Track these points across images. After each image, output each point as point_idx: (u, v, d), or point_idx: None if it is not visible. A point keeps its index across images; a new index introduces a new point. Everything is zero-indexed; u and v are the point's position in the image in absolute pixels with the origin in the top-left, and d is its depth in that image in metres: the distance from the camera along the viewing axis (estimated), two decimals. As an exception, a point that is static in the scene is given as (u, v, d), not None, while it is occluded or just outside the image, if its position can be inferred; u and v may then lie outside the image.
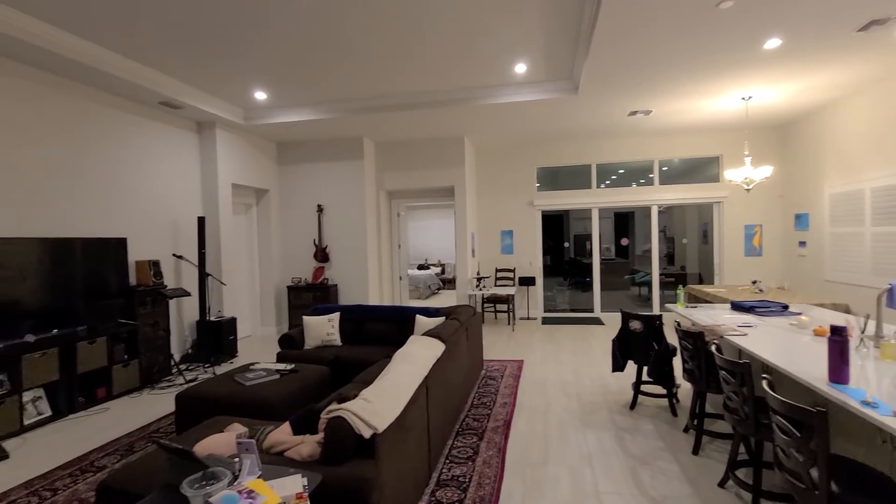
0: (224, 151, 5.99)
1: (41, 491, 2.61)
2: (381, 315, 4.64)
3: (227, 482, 1.73)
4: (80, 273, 4.07)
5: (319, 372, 3.57)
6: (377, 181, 7.37)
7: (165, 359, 4.84)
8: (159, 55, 4.22)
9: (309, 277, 7.08)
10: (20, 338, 3.58)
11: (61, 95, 4.18)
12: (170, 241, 5.37)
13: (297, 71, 4.71)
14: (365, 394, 2.02)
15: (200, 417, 3.07)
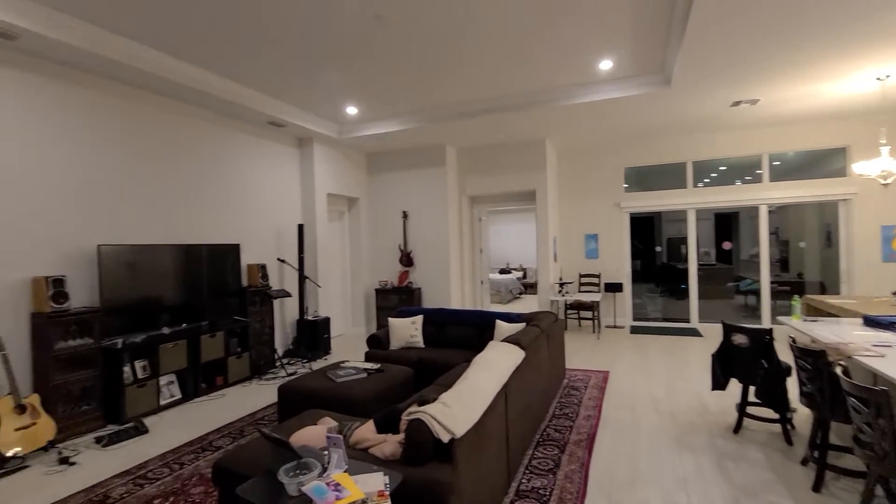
0: (320, 164, 6.51)
1: (171, 464, 3.05)
2: (462, 319, 4.70)
3: (317, 473, 1.87)
4: (204, 275, 4.68)
5: (403, 373, 3.72)
6: (459, 187, 7.49)
7: (270, 353, 5.37)
8: (268, 80, 4.73)
9: (395, 281, 7.40)
10: (158, 330, 4.21)
11: (188, 121, 4.86)
12: (274, 246, 5.96)
13: (384, 86, 4.98)
14: (444, 398, 2.07)
15: (297, 409, 3.36)
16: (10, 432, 3.00)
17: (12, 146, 3.45)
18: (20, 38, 3.28)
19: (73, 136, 3.83)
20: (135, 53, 3.80)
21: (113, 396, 3.77)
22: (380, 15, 3.47)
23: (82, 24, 3.42)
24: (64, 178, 3.75)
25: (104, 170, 4.04)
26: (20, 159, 3.49)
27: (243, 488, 1.90)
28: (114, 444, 3.35)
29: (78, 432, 3.54)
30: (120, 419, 3.75)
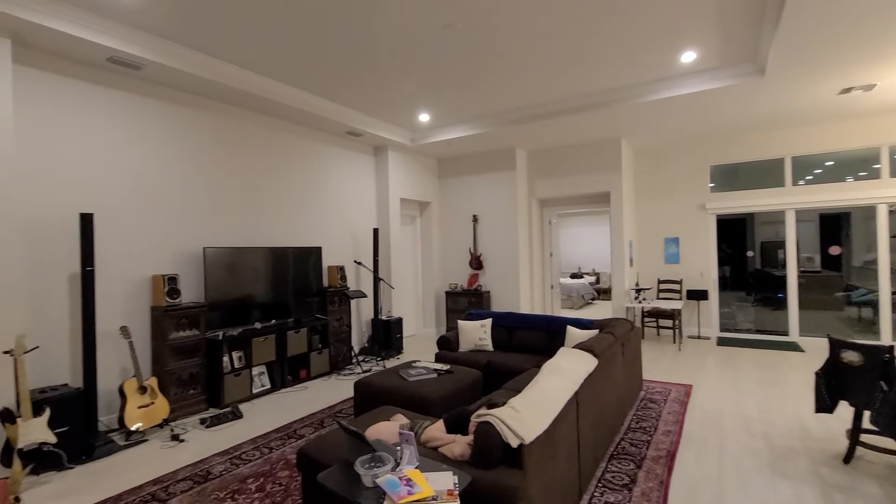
0: (394, 170, 6.79)
1: (262, 447, 3.35)
2: (532, 324, 4.65)
3: (390, 467, 1.97)
4: (289, 275, 5.08)
5: (472, 375, 3.76)
6: (529, 190, 7.41)
7: (347, 350, 5.69)
8: (347, 92, 5.04)
9: (464, 284, 7.49)
10: (251, 325, 4.64)
11: (277, 134, 5.31)
12: (352, 249, 6.31)
13: (454, 92, 5.09)
14: (514, 402, 2.08)
15: (372, 404, 3.53)
16: (134, 409, 3.49)
17: (137, 162, 4.00)
18: (144, 68, 3.80)
19: (183, 152, 4.36)
20: (238, 76, 4.24)
21: (214, 383, 4.22)
22: (448, 23, 3.56)
23: (196, 54, 3.89)
24: (176, 188, 4.28)
25: (208, 180, 4.55)
26: (143, 174, 4.04)
27: (324, 475, 2.05)
28: (214, 426, 3.76)
29: (186, 413, 4.01)
30: (219, 404, 4.19)
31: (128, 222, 3.92)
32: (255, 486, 2.79)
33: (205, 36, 3.66)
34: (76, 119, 3.62)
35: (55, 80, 3.51)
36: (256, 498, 2.65)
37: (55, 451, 3.00)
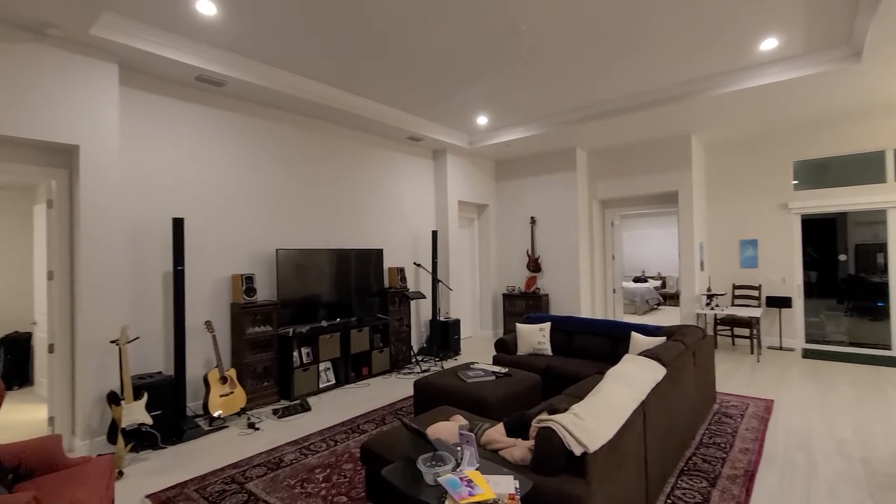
0: (453, 173, 6.87)
1: (328, 440, 3.52)
2: (594, 329, 4.51)
3: (451, 467, 2.00)
4: (353, 276, 5.30)
5: (531, 379, 3.72)
6: (590, 191, 7.19)
7: (407, 349, 5.83)
8: (408, 99, 5.17)
9: (522, 286, 7.41)
10: (318, 323, 4.89)
11: (342, 142, 5.56)
12: (411, 251, 6.46)
13: (514, 93, 5.06)
14: (576, 409, 2.04)
15: (431, 403, 3.60)
16: (216, 397, 3.80)
17: (220, 171, 4.37)
18: (227, 85, 4.15)
19: (259, 161, 4.69)
20: (308, 88, 4.50)
21: (285, 376, 4.50)
22: (515, 25, 3.55)
23: (270, 69, 4.18)
24: (253, 194, 4.62)
25: (280, 186, 4.87)
26: (225, 182, 4.40)
27: (388, 471, 2.12)
28: (285, 417, 4.01)
29: (260, 404, 4.30)
30: (290, 396, 4.45)
31: (211, 226, 4.28)
32: (323, 476, 2.94)
33: (278, 52, 3.92)
34: (168, 133, 4.02)
35: (151, 98, 3.92)
36: (324, 487, 2.79)
37: (151, 432, 3.34)
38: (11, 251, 5.41)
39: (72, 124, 3.24)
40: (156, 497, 2.73)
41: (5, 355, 4.98)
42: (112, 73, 3.45)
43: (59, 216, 3.37)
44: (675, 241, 12.09)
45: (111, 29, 3.23)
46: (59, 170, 3.37)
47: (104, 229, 3.39)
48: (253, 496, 2.71)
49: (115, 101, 3.46)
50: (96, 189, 3.36)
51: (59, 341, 3.35)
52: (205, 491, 2.79)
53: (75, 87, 3.26)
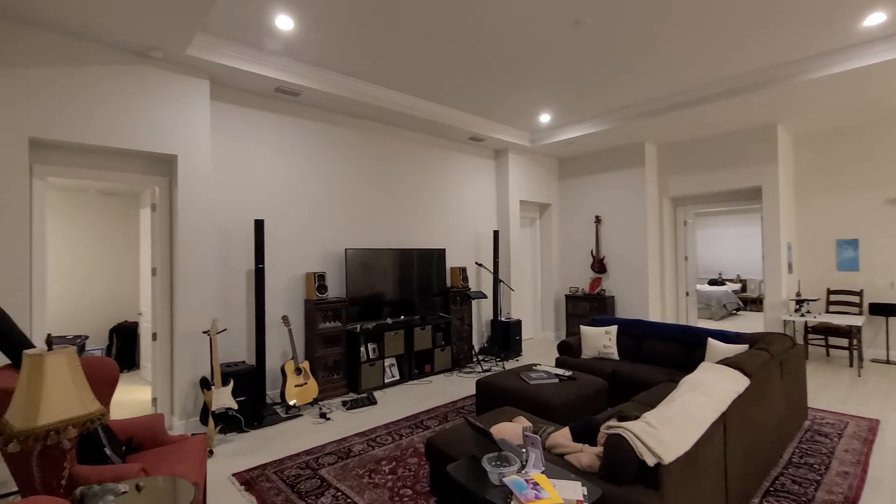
0: (514, 172, 6.81)
1: (393, 433, 3.65)
2: (665, 333, 4.28)
3: (516, 468, 2.00)
4: (415, 276, 5.43)
5: (596, 384, 3.61)
6: (659, 188, 6.82)
7: (468, 349, 5.88)
8: (470, 100, 5.21)
9: (586, 288, 7.19)
10: (383, 320, 5.07)
11: (406, 144, 5.72)
12: (473, 251, 6.50)
13: (578, 90, 4.93)
14: (648, 417, 1.96)
15: (492, 403, 3.61)
16: (292, 387, 4.07)
17: (295, 175, 4.66)
18: (302, 94, 4.42)
19: (330, 164, 4.95)
20: (375, 94, 4.69)
21: (352, 370, 4.71)
22: (580, 19, 3.47)
23: (341, 77, 4.40)
24: (324, 196, 4.88)
25: (349, 188, 5.10)
26: (299, 185, 4.69)
27: (453, 467, 2.16)
28: (354, 409, 4.20)
29: (331, 395, 4.55)
30: (357, 390, 4.66)
31: (287, 226, 4.59)
32: (388, 468, 3.05)
33: (347, 61, 4.11)
34: (250, 141, 4.35)
35: (235, 110, 4.26)
36: (390, 479, 2.90)
37: (237, 416, 3.65)
38: (122, 250, 6.14)
39: (171, 136, 3.61)
40: (240, 476, 2.98)
41: (116, 342, 5.67)
42: (204, 89, 3.80)
43: (161, 219, 3.78)
44: (758, 241, 11.12)
45: (203, 49, 3.56)
46: (161, 177, 3.78)
47: (197, 231, 3.75)
48: (325, 482, 2.88)
49: (207, 113, 3.81)
50: (191, 194, 3.72)
51: (161, 330, 3.76)
52: (283, 474, 3.00)
53: (174, 102, 3.63)
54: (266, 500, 2.69)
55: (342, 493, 2.74)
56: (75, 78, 3.19)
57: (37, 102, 3.04)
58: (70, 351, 1.77)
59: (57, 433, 1.65)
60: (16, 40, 2.98)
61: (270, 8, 3.23)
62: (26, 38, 3.02)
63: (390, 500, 2.66)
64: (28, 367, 1.67)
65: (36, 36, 3.05)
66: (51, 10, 2.86)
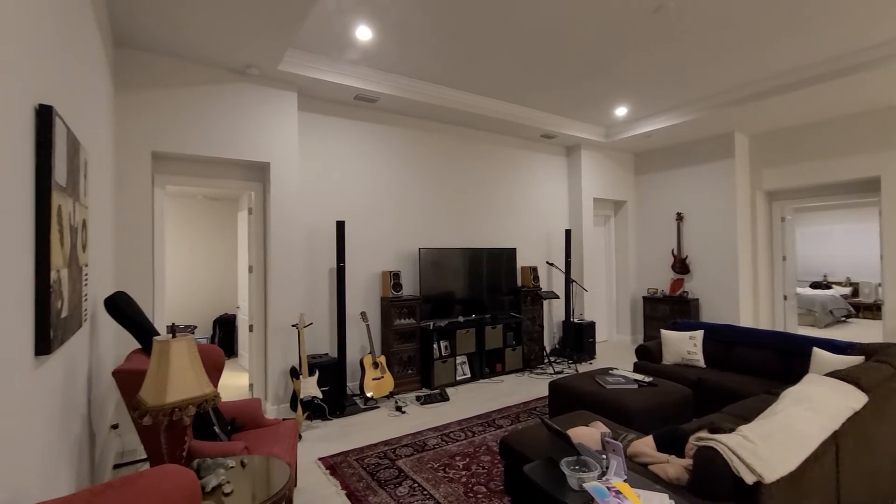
0: (587, 169, 6.60)
1: (466, 430, 3.70)
2: (760, 341, 3.93)
3: (596, 474, 1.95)
4: (485, 275, 5.45)
5: (680, 392, 3.41)
6: (752, 181, 6.24)
7: (539, 349, 5.80)
8: (541, 96, 5.13)
9: (666, 289, 6.77)
10: (455, 318, 5.16)
11: (476, 145, 5.75)
12: (544, 250, 6.39)
13: (657, 80, 4.66)
14: (744, 430, 1.82)
15: (566, 406, 3.54)
16: (370, 380, 4.28)
17: (372, 178, 4.88)
18: (379, 100, 4.62)
19: (405, 167, 5.12)
20: (447, 96, 4.78)
21: (426, 367, 4.85)
22: (663, 4, 3.28)
23: (414, 82, 4.54)
24: (399, 197, 5.07)
25: (423, 189, 5.24)
26: (376, 187, 4.91)
27: (530, 468, 2.16)
28: (427, 404, 4.33)
29: (405, 390, 4.71)
30: (430, 385, 4.79)
31: (365, 227, 4.82)
32: (462, 464, 3.11)
33: (420, 65, 4.23)
34: (332, 147, 4.63)
35: (318, 118, 4.55)
36: (464, 475, 2.95)
37: (321, 405, 3.92)
38: (223, 249, 6.82)
39: (265, 145, 3.95)
40: (325, 461, 3.19)
41: (218, 331, 6.31)
42: (292, 100, 4.10)
43: (256, 221, 4.15)
44: (873, 239, 9.78)
45: (292, 63, 3.85)
46: (256, 183, 4.14)
47: (287, 232, 4.07)
48: (402, 473, 3.00)
49: (295, 123, 4.12)
50: (282, 198, 4.04)
51: (256, 323, 4.13)
52: (363, 462, 3.17)
53: (267, 114, 3.96)
54: (349, 485, 2.86)
55: (419, 485, 2.84)
56: (186, 96, 3.60)
57: (156, 120, 3.48)
58: (190, 338, 2.01)
59: (180, 410, 1.88)
60: (138, 66, 3.43)
61: (352, 20, 3.42)
62: (147, 64, 3.46)
63: (465, 495, 2.71)
64: (157, 351, 1.92)
65: (154, 61, 3.48)
66: (167, 38, 3.26)
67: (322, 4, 3.20)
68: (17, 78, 1.18)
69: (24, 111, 1.25)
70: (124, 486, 1.28)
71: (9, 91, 1.12)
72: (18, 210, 1.21)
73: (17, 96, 1.19)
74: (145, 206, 3.44)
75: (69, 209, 1.71)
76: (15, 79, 1.17)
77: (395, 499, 2.69)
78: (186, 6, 2.88)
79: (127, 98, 3.37)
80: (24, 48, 1.24)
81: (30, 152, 1.31)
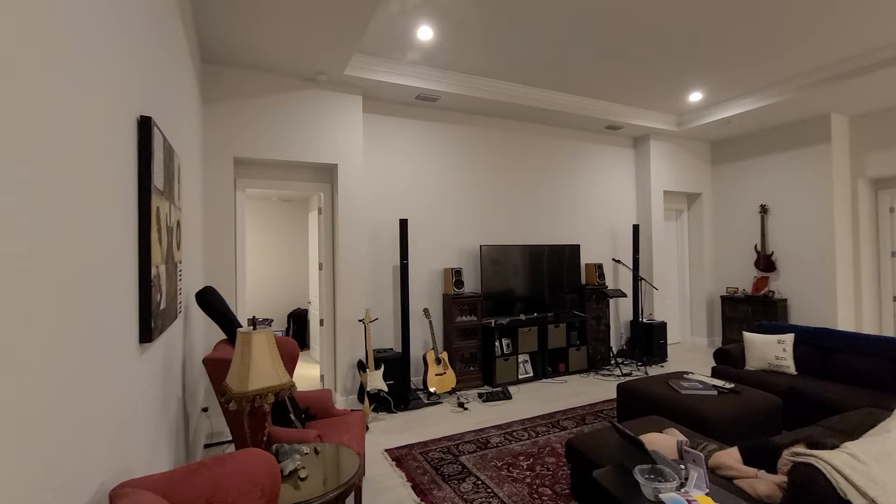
0: (657, 161, 6.22)
1: (529, 430, 3.64)
2: (865, 347, 3.50)
3: (675, 485, 1.84)
4: (547, 272, 5.32)
5: (768, 401, 3.12)
6: (852, 168, 5.56)
7: (605, 350, 5.57)
8: (606, 85, 4.91)
9: (748, 288, 6.23)
10: (516, 316, 5.09)
11: (537, 139, 5.62)
12: (609, 246, 6.13)
13: (736, 61, 4.29)
14: (852, 448, 1.63)
15: (636, 410, 3.36)
16: (432, 376, 4.34)
17: (433, 176, 4.93)
18: (439, 99, 4.65)
19: (466, 164, 5.12)
20: (507, 91, 4.72)
21: (487, 364, 4.83)
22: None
23: (474, 78, 4.52)
24: (460, 194, 5.08)
25: (484, 186, 5.22)
26: (437, 185, 4.95)
27: (600, 474, 2.08)
28: (489, 402, 4.31)
29: (467, 386, 4.73)
30: (492, 383, 4.76)
31: (427, 224, 4.88)
32: (526, 464, 3.06)
33: (480, 61, 4.20)
34: (394, 147, 4.73)
35: (381, 119, 4.67)
36: (528, 475, 2.90)
37: (387, 398, 4.03)
38: (296, 248, 7.24)
39: (333, 148, 4.12)
40: (391, 452, 3.28)
41: (292, 325, 6.71)
42: (357, 103, 4.25)
43: (325, 220, 4.34)
44: None
45: (357, 67, 3.98)
46: (325, 184, 4.34)
47: (354, 230, 4.22)
48: (466, 469, 3.01)
49: (360, 125, 4.26)
50: (348, 198, 4.20)
51: (326, 317, 4.33)
52: (427, 455, 3.22)
53: (334, 117, 4.13)
54: (414, 477, 2.92)
55: (482, 483, 2.83)
56: (263, 104, 3.84)
57: (237, 128, 3.74)
58: (269, 331, 2.14)
59: (261, 398, 2.01)
60: (221, 79, 3.71)
61: (413, 21, 3.47)
62: (228, 77, 3.73)
63: (529, 496, 2.67)
64: (241, 342, 2.06)
65: (234, 74, 3.75)
66: (246, 52, 3.49)
67: (385, 8, 3.27)
68: (121, 91, 1.32)
69: (127, 122, 1.39)
70: (216, 466, 1.40)
71: (114, 103, 1.25)
72: (124, 212, 1.35)
73: (122, 108, 1.33)
74: (229, 207, 3.72)
75: (166, 211, 1.88)
76: (120, 92, 1.30)
77: (460, 494, 2.70)
78: (261, 22, 3.06)
79: (211, 108, 3.66)
80: (128, 64, 1.38)
81: (132, 159, 1.46)
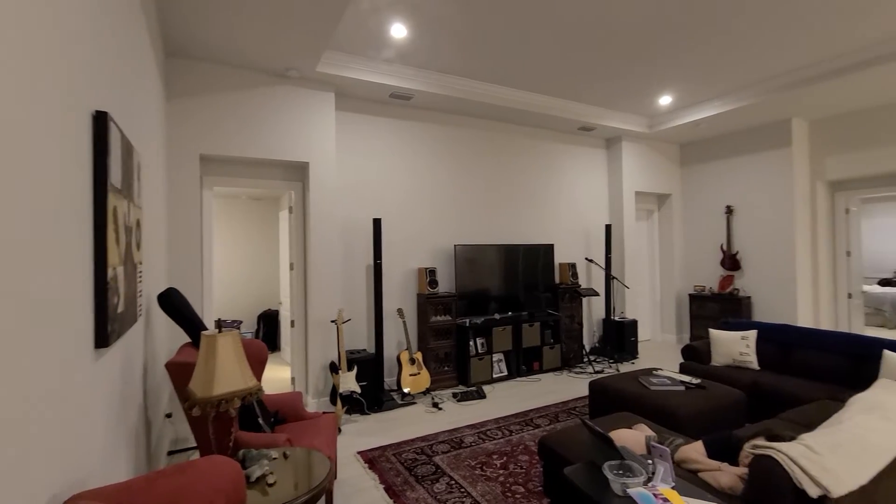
0: (628, 162, 6.36)
1: (503, 428, 3.66)
2: (822, 342, 3.66)
3: (642, 480, 1.87)
4: (521, 271, 5.37)
5: (732, 395, 3.23)
6: (811, 171, 5.82)
7: (578, 348, 5.65)
8: (579, 87, 4.98)
9: (714, 286, 6.44)
10: (490, 315, 5.11)
11: (509, 139, 5.65)
12: (582, 246, 6.22)
13: (704, 66, 4.42)
14: (808, 439, 1.69)
15: (607, 407, 3.43)
16: (407, 376, 4.31)
17: (406, 176, 4.90)
18: (413, 98, 4.62)
19: (439, 163, 5.11)
20: (482, 91, 4.73)
21: (462, 364, 4.83)
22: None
23: (448, 77, 4.51)
24: (433, 194, 5.06)
25: (456, 185, 5.22)
26: (410, 184, 4.92)
27: (571, 471, 2.10)
28: (463, 401, 4.31)
29: (442, 386, 4.72)
30: (467, 382, 4.77)
31: (401, 224, 4.85)
32: (500, 463, 3.07)
33: (454, 60, 4.19)
34: (367, 146, 4.68)
35: (354, 117, 4.61)
36: (501, 474, 2.92)
37: (360, 399, 3.98)
38: (266, 248, 7.07)
39: (304, 146, 4.04)
40: (364, 454, 3.24)
41: (262, 326, 6.56)
42: (330, 101, 4.18)
43: (297, 220, 4.26)
44: (954, 232, 8.89)
45: (330, 64, 3.91)
46: (296, 183, 4.25)
47: (326, 229, 4.15)
48: (439, 469, 3.00)
49: (333, 123, 4.19)
50: (320, 197, 4.13)
51: (298, 318, 4.24)
52: (400, 456, 3.20)
53: (306, 115, 4.05)
54: (387, 479, 2.89)
55: (456, 483, 2.83)
56: (231, 100, 3.73)
57: (204, 124, 3.63)
58: (235, 333, 2.08)
59: (227, 402, 1.95)
60: (187, 74, 3.58)
61: (386, 18, 3.43)
62: (194, 71, 3.61)
63: (502, 495, 2.68)
64: (205, 345, 1.99)
65: (201, 68, 3.63)
66: (213, 46, 3.38)
67: (356, 5, 3.23)
68: (75, 86, 1.25)
69: (81, 117, 1.32)
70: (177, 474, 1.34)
71: (67, 98, 1.19)
72: (78, 211, 1.28)
73: (76, 103, 1.26)
74: (194, 206, 3.60)
75: (124, 210, 1.80)
76: (73, 86, 1.23)
77: (433, 495, 2.69)
78: (227, 14, 2.97)
79: (176, 104, 3.54)
80: (82, 57, 1.31)
81: (87, 157, 1.38)
